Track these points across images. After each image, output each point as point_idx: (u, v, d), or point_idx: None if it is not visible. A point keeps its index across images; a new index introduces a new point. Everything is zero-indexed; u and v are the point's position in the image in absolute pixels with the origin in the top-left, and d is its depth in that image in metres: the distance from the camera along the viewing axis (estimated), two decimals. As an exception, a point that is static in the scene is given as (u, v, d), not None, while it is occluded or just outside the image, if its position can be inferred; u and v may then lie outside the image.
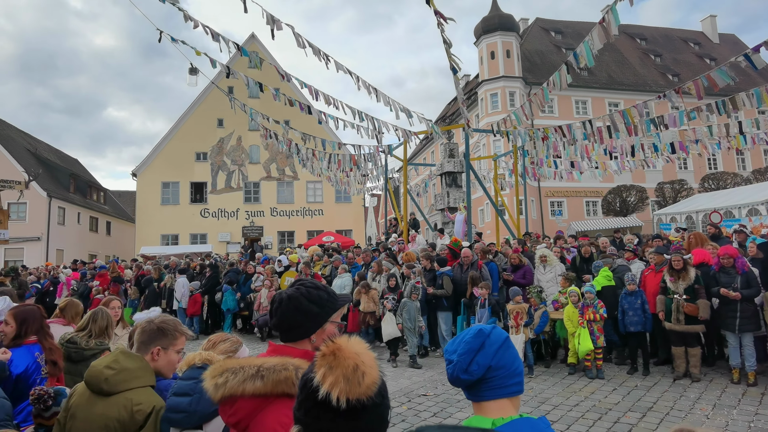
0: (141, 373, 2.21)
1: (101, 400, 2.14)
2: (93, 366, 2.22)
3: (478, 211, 33.25)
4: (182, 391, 1.99)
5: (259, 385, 1.46)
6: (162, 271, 13.54)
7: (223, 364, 1.55)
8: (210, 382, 1.52)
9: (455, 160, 16.04)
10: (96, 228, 37.71)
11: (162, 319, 2.41)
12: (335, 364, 1.10)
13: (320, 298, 1.68)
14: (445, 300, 8.62)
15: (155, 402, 2.15)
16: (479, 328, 1.42)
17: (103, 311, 3.83)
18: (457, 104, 42.43)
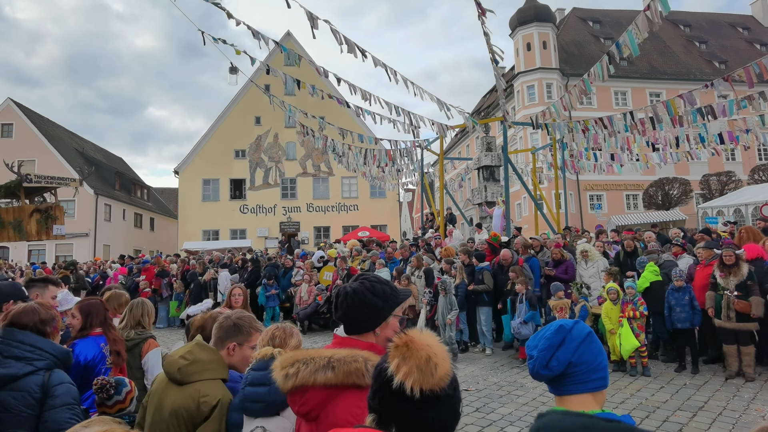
0: (213, 366, 2.27)
1: (175, 388, 2.23)
2: (171, 355, 2.32)
3: (515, 206, 32.81)
4: (258, 381, 2.04)
5: (330, 375, 1.50)
6: (206, 266, 13.94)
7: (293, 355, 1.60)
8: (280, 372, 1.57)
9: (492, 154, 15.87)
10: (140, 224, 39.06)
11: (238, 316, 2.46)
12: (408, 355, 1.14)
13: (384, 291, 1.71)
14: (485, 295, 8.58)
15: (221, 395, 2.20)
16: (560, 323, 1.41)
17: (139, 302, 3.98)
18: (493, 97, 41.89)
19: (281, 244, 23.20)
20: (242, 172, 32.73)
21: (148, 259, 16.42)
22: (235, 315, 2.46)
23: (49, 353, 2.31)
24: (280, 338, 2.34)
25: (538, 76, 34.28)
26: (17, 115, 33.38)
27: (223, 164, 32.40)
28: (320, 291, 11.88)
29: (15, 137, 32.88)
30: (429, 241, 12.22)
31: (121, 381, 2.75)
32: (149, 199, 43.08)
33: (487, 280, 8.59)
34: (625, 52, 8.98)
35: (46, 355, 2.30)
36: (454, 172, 31.31)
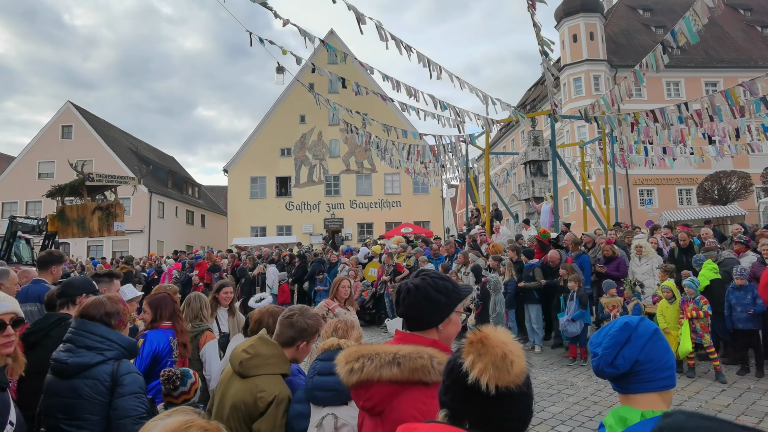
0: (274, 361, 2.33)
1: (238, 380, 2.31)
2: (236, 347, 2.40)
3: (563, 201, 32.05)
4: (327, 370, 2.09)
5: (395, 371, 1.51)
6: (255, 261, 14.32)
7: (358, 349, 1.62)
8: (345, 366, 1.59)
9: (540, 148, 15.56)
10: (192, 221, 40.46)
11: (309, 315, 2.52)
12: (484, 352, 1.14)
13: (446, 288, 1.71)
14: (535, 292, 8.45)
15: (278, 391, 2.24)
16: (625, 320, 1.39)
17: (196, 296, 4.13)
18: (539, 90, 40.99)
19: (325, 240, 23.54)
20: (288, 169, 33.36)
21: (201, 255, 17.00)
22: (306, 315, 2.51)
23: (117, 344, 2.44)
24: (342, 330, 2.41)
25: (585, 68, 33.32)
26: (76, 118, 35.13)
27: (270, 162, 33.12)
28: (365, 287, 11.99)
29: (74, 138, 34.64)
30: (475, 238, 12.12)
31: (186, 373, 2.85)
32: (200, 196, 44.52)
33: (538, 277, 8.46)
34: (681, 40, 8.61)
35: (114, 346, 2.42)
36: (499, 167, 30.84)
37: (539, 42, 9.60)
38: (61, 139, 34.74)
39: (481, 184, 21.46)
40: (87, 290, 3.32)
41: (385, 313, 11.73)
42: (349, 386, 1.62)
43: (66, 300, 3.20)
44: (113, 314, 2.53)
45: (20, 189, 33.69)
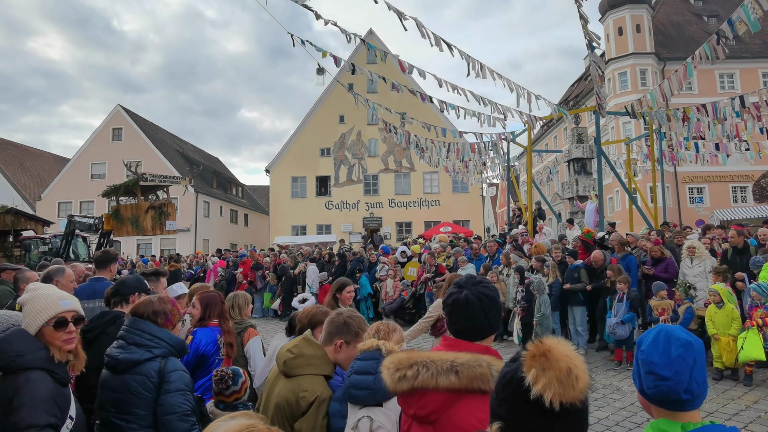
0: (317, 362, 2.34)
1: (282, 379, 2.35)
2: (281, 347, 2.45)
3: (607, 200, 31.13)
4: (364, 369, 2.11)
5: (453, 380, 1.49)
6: (296, 260, 14.54)
7: (410, 356, 1.59)
8: (395, 373, 1.56)
9: (584, 146, 15.16)
10: (236, 220, 41.52)
11: (350, 314, 2.51)
12: (548, 366, 1.10)
13: (497, 297, 1.72)
14: (580, 294, 8.25)
15: (320, 392, 2.26)
16: (684, 339, 1.29)
17: (238, 294, 4.20)
18: (582, 85, 39.94)
19: (364, 239, 23.67)
20: (327, 169, 33.73)
21: (245, 253, 17.41)
22: (347, 313, 2.51)
23: (166, 342, 2.51)
24: (384, 332, 2.39)
25: (631, 62, 32.25)
26: (126, 120, 36.58)
27: (310, 162, 33.58)
28: (405, 286, 11.99)
29: (124, 140, 36.09)
30: (516, 238, 11.92)
31: (237, 372, 2.91)
32: (243, 196, 45.60)
33: (584, 279, 8.25)
34: (740, 29, 8.17)
35: (163, 344, 2.50)
36: (541, 165, 30.25)
37: (585, 35, 9.32)
38: (111, 141, 36.26)
39: (523, 182, 21.12)
40: (140, 289, 3.45)
41: (425, 313, 11.67)
42: (397, 393, 1.59)
43: (120, 298, 3.34)
44: (160, 313, 2.60)
45: (74, 189, 35.38)
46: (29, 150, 43.77)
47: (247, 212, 43.93)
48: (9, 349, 2.10)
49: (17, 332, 2.17)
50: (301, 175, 33.65)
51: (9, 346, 2.11)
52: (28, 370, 2.11)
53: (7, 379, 2.06)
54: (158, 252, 30.40)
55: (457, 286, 1.77)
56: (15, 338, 2.15)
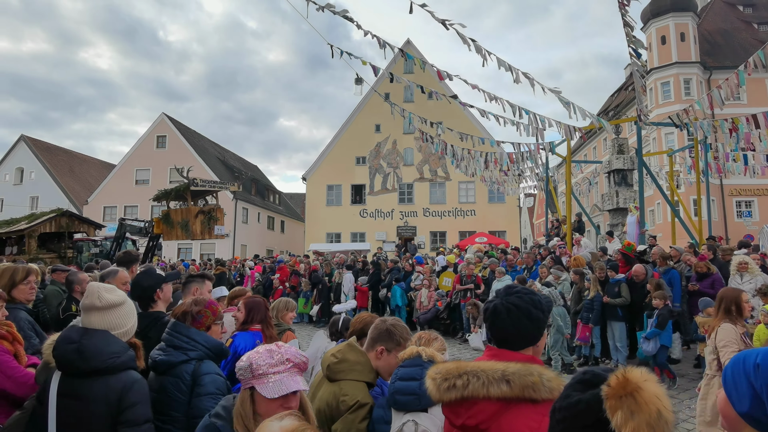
0: (359, 368, 2.37)
1: (326, 383, 2.40)
2: (327, 352, 2.51)
3: (648, 212, 30.30)
4: (409, 375, 2.14)
5: (505, 389, 1.49)
6: (332, 267, 14.70)
7: (458, 366, 1.60)
8: (443, 383, 1.57)
9: (625, 157, 14.85)
10: (273, 226, 42.26)
11: (393, 323, 2.51)
12: (637, 410, 1.04)
13: (542, 304, 1.71)
14: (619, 309, 8.06)
15: (360, 397, 2.28)
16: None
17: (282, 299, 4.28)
18: (623, 95, 39.08)
19: (398, 248, 23.69)
20: (362, 177, 33.99)
21: (282, 259, 17.71)
22: (391, 321, 2.53)
23: (202, 345, 2.54)
24: (425, 339, 2.43)
25: (675, 71, 31.38)
26: (170, 128, 37.82)
27: (345, 171, 33.92)
28: (440, 297, 11.94)
29: (168, 148, 37.30)
30: (553, 250, 11.74)
31: None
32: (280, 203, 46.40)
33: (625, 293, 8.06)
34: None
35: (199, 347, 2.52)
36: (580, 176, 29.66)
37: (630, 43, 9.14)
38: (156, 148, 37.54)
39: (561, 193, 20.76)
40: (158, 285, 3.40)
41: (460, 324, 11.62)
42: (443, 401, 1.60)
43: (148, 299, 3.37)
44: (188, 314, 2.64)
45: (119, 194, 36.75)
46: (78, 156, 45.74)
47: (283, 219, 44.66)
48: (108, 351, 2.19)
49: (103, 335, 2.26)
50: (337, 183, 34.02)
51: (108, 347, 2.20)
52: (127, 369, 2.21)
53: (106, 379, 2.15)
54: (198, 256, 31.19)
55: (496, 296, 1.78)
56: (107, 341, 2.24)
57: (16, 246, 18.88)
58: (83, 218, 20.75)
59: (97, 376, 2.14)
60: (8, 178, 40.22)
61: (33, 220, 18.89)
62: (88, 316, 2.29)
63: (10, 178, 40.18)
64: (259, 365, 1.79)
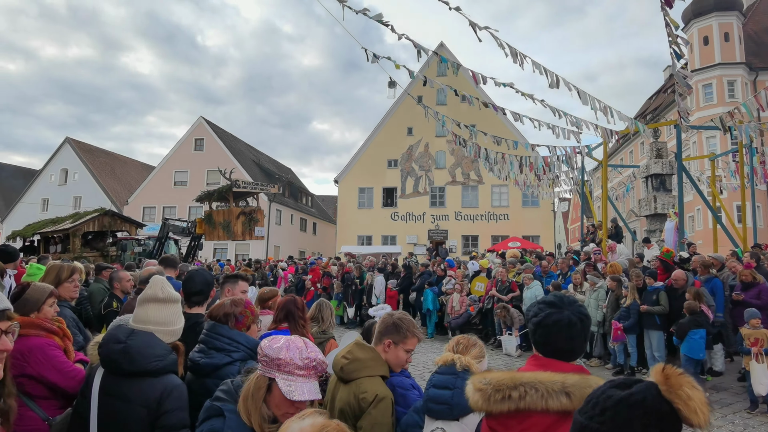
0: (371, 364, 2.42)
1: (342, 385, 2.45)
2: (336, 356, 2.55)
3: (688, 218, 29.36)
4: (442, 384, 2.17)
5: (565, 402, 1.46)
6: (363, 270, 14.77)
7: (512, 377, 1.57)
8: (496, 394, 1.54)
9: (663, 161, 14.46)
10: (305, 228, 42.78)
11: (400, 316, 2.57)
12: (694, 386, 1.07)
13: (588, 317, 1.72)
14: (657, 318, 7.85)
15: (379, 391, 2.33)
16: None
17: (325, 303, 4.26)
18: (661, 98, 38.02)
19: (429, 251, 23.62)
20: (394, 180, 34.05)
21: (315, 261, 17.91)
22: (398, 315, 2.59)
23: (244, 345, 2.55)
24: (463, 345, 2.43)
25: (718, 72, 30.38)
26: (207, 132, 38.74)
27: (377, 173, 34.05)
28: (473, 302, 11.85)
29: (205, 150, 38.21)
30: (589, 255, 11.50)
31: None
32: (312, 205, 46.93)
33: (663, 301, 7.85)
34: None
35: (241, 347, 2.53)
36: (617, 180, 28.99)
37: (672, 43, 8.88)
38: (194, 150, 38.50)
39: (597, 197, 20.35)
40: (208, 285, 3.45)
41: (493, 330, 11.51)
42: (493, 413, 1.57)
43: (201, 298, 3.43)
44: (230, 315, 2.65)
45: (159, 195, 37.84)
46: (119, 157, 47.33)
47: (315, 221, 45.13)
48: (152, 353, 2.24)
49: (149, 337, 2.31)
50: (369, 186, 34.17)
51: (153, 350, 2.25)
52: (169, 373, 2.25)
53: (147, 381, 2.19)
54: (233, 257, 31.81)
55: (551, 305, 1.72)
56: (152, 343, 2.28)
57: (60, 244, 19.64)
58: (125, 217, 21.37)
59: (139, 378, 2.18)
60: (53, 179, 41.95)
61: (77, 219, 19.54)
62: (145, 308, 2.36)
63: (55, 179, 41.90)
64: (289, 362, 1.79)
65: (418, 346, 2.74)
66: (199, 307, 3.34)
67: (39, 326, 2.90)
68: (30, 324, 2.88)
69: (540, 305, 1.77)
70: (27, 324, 2.87)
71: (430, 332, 12.41)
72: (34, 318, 2.92)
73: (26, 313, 2.91)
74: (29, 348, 2.80)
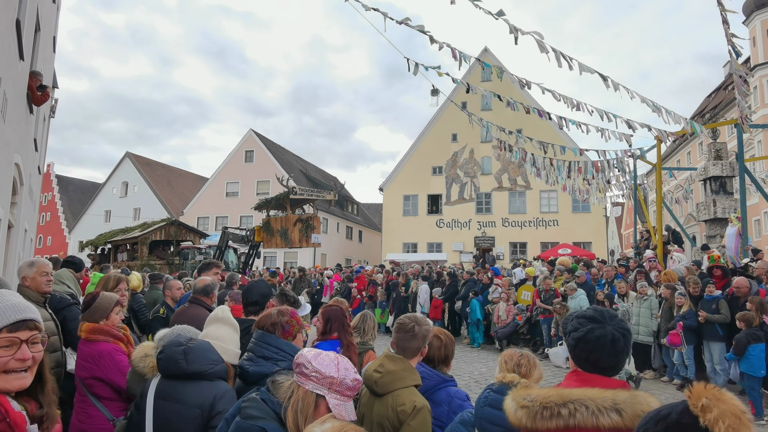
0: (404, 374, 2.44)
1: (377, 400, 2.45)
2: (366, 370, 2.56)
3: (753, 222, 27.72)
4: (498, 404, 2.09)
5: (616, 419, 1.45)
6: (408, 278, 14.75)
7: (561, 393, 1.55)
8: (543, 411, 1.53)
9: (723, 162, 13.75)
10: (351, 236, 43.17)
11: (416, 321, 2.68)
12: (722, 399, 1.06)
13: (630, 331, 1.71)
14: (719, 328, 7.44)
15: (417, 402, 2.34)
16: None
17: (368, 315, 4.30)
18: (721, 95, 36.15)
19: (476, 258, 23.29)
20: (439, 187, 33.88)
21: (360, 269, 18.02)
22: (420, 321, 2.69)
23: (290, 355, 2.55)
24: (526, 367, 2.39)
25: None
26: (257, 143, 39.84)
27: (422, 181, 33.99)
28: (520, 311, 11.61)
29: (255, 162, 39.30)
30: (643, 263, 11.04)
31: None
32: (358, 213, 47.34)
33: (725, 310, 7.42)
34: None
35: (288, 357, 2.55)
36: (673, 183, 27.73)
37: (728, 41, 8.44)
38: (244, 162, 39.67)
39: (652, 202, 19.53)
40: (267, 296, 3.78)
41: (541, 339, 11.23)
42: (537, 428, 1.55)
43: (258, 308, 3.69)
44: (277, 325, 2.70)
45: (212, 205, 39.19)
46: (174, 170, 49.40)
47: (361, 229, 45.47)
48: (210, 357, 2.43)
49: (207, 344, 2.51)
50: (413, 193, 34.15)
51: (210, 355, 2.45)
52: (220, 379, 2.43)
53: (202, 385, 2.36)
54: (282, 264, 32.47)
55: (592, 320, 1.71)
56: (209, 348, 2.48)
57: (126, 253, 20.64)
58: (189, 227, 22.14)
59: (196, 380, 2.33)
60: (115, 192, 44.27)
61: (145, 228, 20.42)
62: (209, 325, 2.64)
63: (116, 192, 44.20)
64: (342, 382, 1.83)
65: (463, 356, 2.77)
66: (255, 316, 3.56)
67: (107, 333, 3.17)
68: (99, 330, 3.15)
69: (580, 320, 1.74)
70: (97, 330, 3.14)
71: (478, 342, 12.23)
72: (102, 325, 3.17)
73: (96, 320, 3.18)
74: (99, 353, 3.06)
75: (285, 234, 15.56)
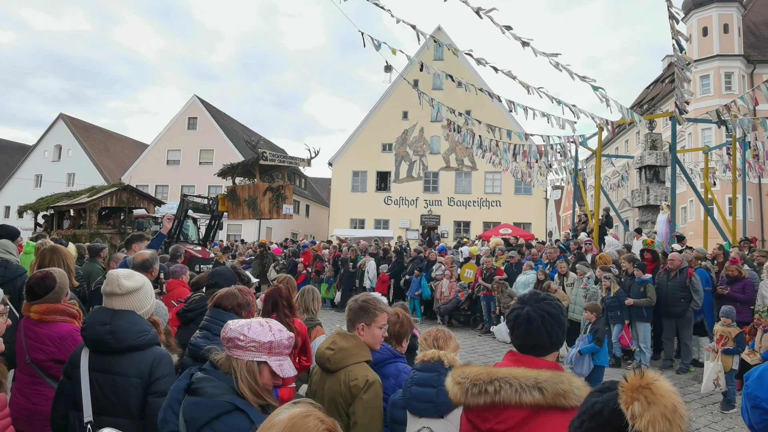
0: (357, 351, 2.49)
1: (328, 376, 2.48)
2: (318, 348, 2.58)
3: (680, 209, 29.55)
4: (426, 382, 2.19)
5: (538, 396, 1.51)
6: (357, 254, 14.76)
7: (489, 371, 1.63)
8: (473, 388, 1.60)
9: (658, 152, 14.48)
10: (298, 210, 42.61)
11: (364, 298, 2.68)
12: (653, 400, 1.06)
13: (561, 314, 1.74)
14: (644, 310, 7.93)
15: (368, 376, 2.40)
16: None
17: (309, 289, 4.29)
18: (658, 88, 37.96)
19: (422, 236, 23.64)
20: (388, 164, 33.95)
21: (306, 244, 17.84)
22: (362, 298, 2.67)
23: None
24: (442, 339, 2.47)
25: (715, 64, 30.30)
26: (201, 110, 38.32)
27: (371, 157, 33.92)
28: (462, 288, 11.94)
29: (198, 129, 37.85)
30: (580, 245, 11.57)
31: None
32: (306, 187, 46.73)
33: (651, 294, 7.91)
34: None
35: None
36: (610, 170, 29.04)
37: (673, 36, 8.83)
38: (187, 129, 38.11)
39: (590, 186, 20.39)
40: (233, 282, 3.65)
41: (480, 316, 11.62)
42: (471, 406, 1.63)
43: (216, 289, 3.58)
44: (243, 305, 2.73)
45: (151, 174, 37.54)
46: (113, 135, 46.81)
47: (308, 203, 45.00)
48: (138, 329, 2.37)
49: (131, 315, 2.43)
50: (362, 169, 34.07)
51: (137, 327, 2.38)
52: (153, 345, 2.40)
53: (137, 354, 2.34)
54: (225, 237, 31.70)
55: (520, 301, 1.80)
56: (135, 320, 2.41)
57: (71, 220, 18.66)
58: (144, 194, 19.93)
59: (129, 352, 2.32)
60: (47, 155, 41.50)
61: (94, 193, 18.18)
62: (111, 301, 2.45)
63: (48, 155, 41.45)
64: (279, 344, 1.87)
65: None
66: None
67: (64, 312, 2.96)
68: (56, 311, 2.92)
69: (515, 302, 1.83)
70: (53, 311, 2.91)
71: (418, 313, 12.54)
72: (60, 304, 2.95)
73: (58, 300, 2.94)
74: (59, 335, 2.86)
75: (254, 204, 14.12)
